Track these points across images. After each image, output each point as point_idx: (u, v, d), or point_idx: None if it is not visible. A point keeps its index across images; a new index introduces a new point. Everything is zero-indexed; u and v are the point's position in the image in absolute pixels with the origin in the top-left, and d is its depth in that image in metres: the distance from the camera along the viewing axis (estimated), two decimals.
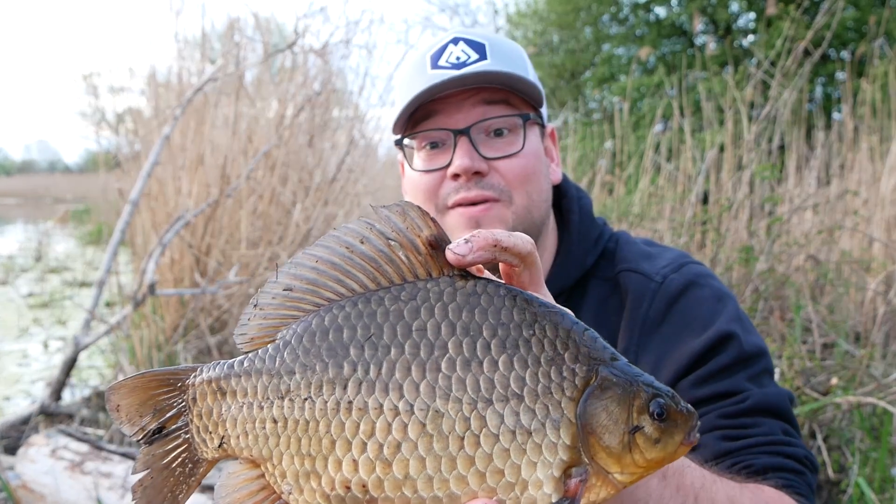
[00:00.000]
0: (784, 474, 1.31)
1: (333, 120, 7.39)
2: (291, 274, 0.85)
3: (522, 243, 0.88)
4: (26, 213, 28.54)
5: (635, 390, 0.81)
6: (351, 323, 0.82)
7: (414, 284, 0.83)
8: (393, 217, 0.83)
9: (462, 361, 0.80)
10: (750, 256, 4.68)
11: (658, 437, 0.81)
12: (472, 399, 0.79)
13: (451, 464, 0.78)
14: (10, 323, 8.49)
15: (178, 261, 5.85)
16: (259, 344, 0.87)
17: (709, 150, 5.55)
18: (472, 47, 1.51)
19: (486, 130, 1.51)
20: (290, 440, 0.83)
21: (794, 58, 5.35)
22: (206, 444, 0.89)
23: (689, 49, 14.99)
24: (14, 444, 4.35)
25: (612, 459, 0.80)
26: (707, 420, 1.39)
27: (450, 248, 0.83)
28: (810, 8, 11.90)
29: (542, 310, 0.83)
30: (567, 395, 0.80)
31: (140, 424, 0.90)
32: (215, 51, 7.48)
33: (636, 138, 7.60)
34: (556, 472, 0.79)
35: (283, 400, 0.83)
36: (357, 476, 0.80)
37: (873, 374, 3.92)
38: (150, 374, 0.91)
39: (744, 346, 1.44)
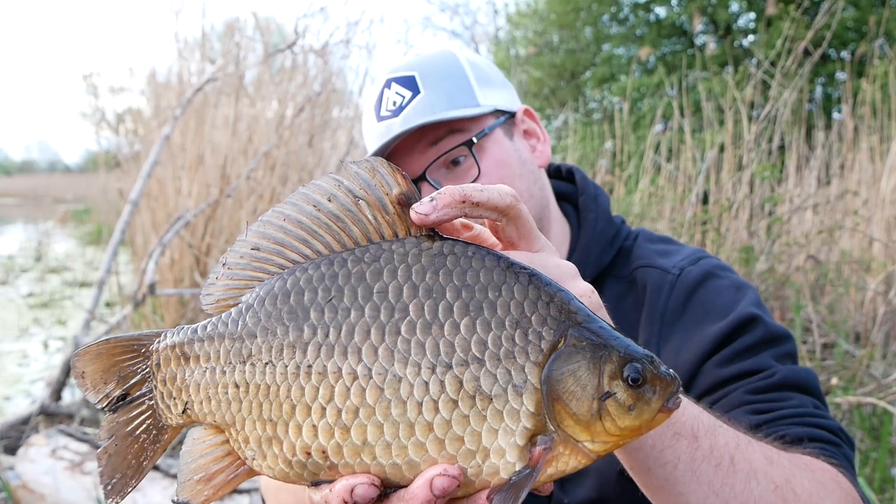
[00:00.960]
0: (820, 444, 1.26)
1: (333, 120, 7.40)
2: (260, 233, 0.84)
3: (499, 196, 0.84)
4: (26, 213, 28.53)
5: (607, 353, 0.76)
6: (312, 286, 0.80)
7: (378, 245, 0.81)
8: (362, 173, 0.81)
9: (423, 324, 0.77)
10: (750, 256, 4.68)
11: (632, 403, 0.76)
12: (431, 363, 0.76)
13: (409, 430, 0.76)
14: (10, 323, 8.49)
15: (178, 261, 5.85)
16: (224, 306, 0.86)
17: (709, 150, 5.55)
18: (403, 85, 1.52)
19: (444, 164, 1.51)
20: (253, 405, 0.81)
21: (794, 58, 5.35)
22: (170, 411, 0.87)
23: (689, 49, 14.99)
24: (14, 444, 4.35)
25: (580, 427, 0.76)
26: (735, 397, 1.35)
27: (413, 208, 0.79)
28: (810, 8, 11.89)
29: (512, 270, 0.79)
30: (531, 359, 0.76)
31: (104, 391, 0.88)
32: (215, 51, 7.49)
33: (636, 138, 7.61)
34: (519, 440, 0.75)
35: (244, 364, 0.82)
36: (317, 442, 0.78)
37: (873, 374, 3.92)
38: (114, 339, 0.89)
39: (769, 327, 1.42)
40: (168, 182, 6.04)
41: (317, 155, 6.60)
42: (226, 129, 6.15)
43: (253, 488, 3.19)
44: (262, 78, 6.91)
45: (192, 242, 5.70)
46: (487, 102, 1.53)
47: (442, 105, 1.49)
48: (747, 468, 1.06)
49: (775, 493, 1.07)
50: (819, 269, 5.30)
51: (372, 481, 0.77)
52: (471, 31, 22.47)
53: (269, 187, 6.04)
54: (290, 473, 0.81)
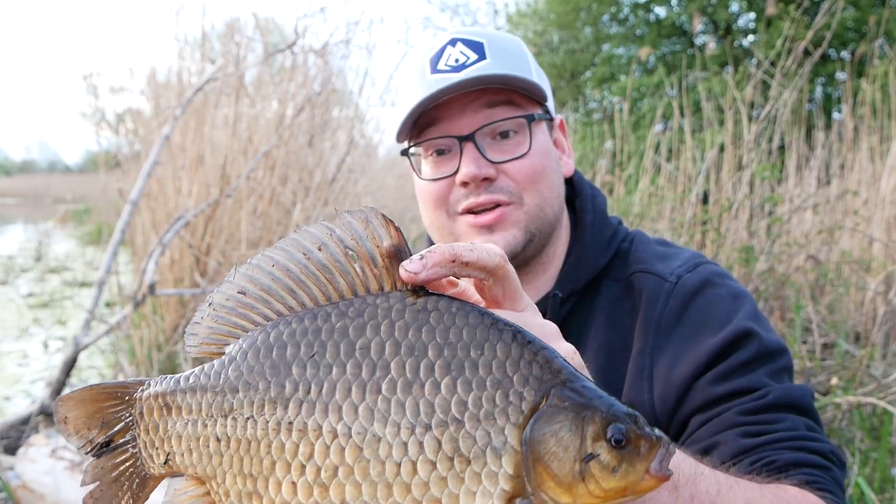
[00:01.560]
0: (809, 470, 1.26)
1: (333, 120, 7.40)
2: (248, 276, 0.84)
3: (488, 256, 0.84)
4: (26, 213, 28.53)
5: (590, 414, 0.75)
6: (296, 340, 0.80)
7: (363, 299, 0.80)
8: (355, 224, 0.81)
9: (403, 383, 0.76)
10: (750, 256, 4.68)
11: (616, 464, 0.74)
12: (411, 423, 0.75)
13: (387, 490, 0.75)
14: (10, 323, 8.49)
15: (178, 261, 5.85)
16: (206, 351, 0.86)
17: (709, 150, 5.55)
18: (470, 48, 1.49)
19: (492, 133, 1.49)
20: (234, 459, 0.81)
21: (794, 58, 5.35)
22: (152, 460, 0.88)
23: (689, 49, 14.99)
24: (14, 444, 4.35)
25: (561, 490, 0.74)
26: (727, 417, 1.34)
27: (403, 265, 0.79)
28: (810, 8, 11.89)
29: (496, 328, 0.78)
30: (511, 420, 0.75)
31: (88, 437, 0.89)
32: (215, 51, 7.48)
33: (636, 138, 7.61)
34: (497, 502, 0.74)
35: (226, 418, 0.82)
36: (296, 499, 0.78)
37: (873, 374, 3.92)
38: (97, 386, 0.90)
39: (763, 342, 1.40)
40: (168, 182, 6.04)
41: (317, 155, 6.60)
42: (226, 129, 6.15)
43: None
44: (262, 78, 6.91)
45: (192, 242, 5.70)
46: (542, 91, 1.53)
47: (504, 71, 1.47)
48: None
49: None
50: (819, 269, 5.30)
51: None
52: None
53: (269, 187, 6.04)
54: None
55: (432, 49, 1.52)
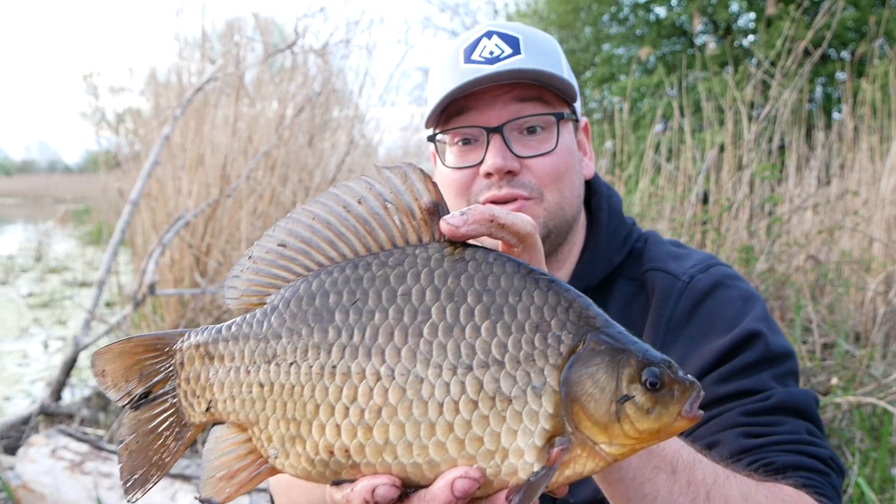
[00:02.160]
0: (806, 473, 1.27)
1: (333, 120, 7.40)
2: (288, 230, 0.85)
3: (522, 223, 0.87)
4: (26, 213, 28.52)
5: (625, 358, 0.78)
6: (338, 288, 0.82)
7: (403, 250, 0.82)
8: (394, 178, 0.83)
9: (444, 327, 0.78)
10: (750, 256, 4.68)
11: (651, 406, 0.77)
12: (453, 364, 0.77)
13: (430, 430, 0.77)
14: (10, 323, 8.49)
15: (178, 261, 5.85)
16: (246, 301, 0.87)
17: (709, 150, 5.55)
18: (505, 41, 1.50)
19: (520, 128, 1.49)
20: (276, 404, 0.82)
21: (794, 58, 5.35)
22: (193, 409, 0.88)
23: (689, 49, 14.99)
24: (14, 444, 4.35)
25: (598, 429, 0.77)
26: (729, 417, 1.35)
27: (444, 219, 0.82)
28: (810, 8, 11.89)
29: (532, 276, 0.81)
30: (550, 362, 0.77)
31: (126, 389, 0.89)
32: (215, 51, 7.48)
33: (636, 138, 7.61)
34: (538, 440, 0.77)
35: (269, 364, 0.83)
36: (340, 441, 0.79)
37: (873, 374, 3.92)
38: (136, 339, 0.90)
39: (770, 345, 1.41)
40: (168, 182, 6.04)
41: (317, 155, 6.60)
42: (226, 129, 6.15)
43: (253, 488, 3.18)
44: (262, 78, 6.91)
45: (192, 242, 5.70)
46: (572, 91, 1.54)
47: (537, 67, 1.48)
48: (722, 503, 1.08)
49: None
50: (819, 269, 5.30)
51: (393, 482, 0.78)
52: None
53: (269, 187, 6.03)
54: (313, 472, 0.82)
55: (467, 39, 1.53)
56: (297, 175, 6.28)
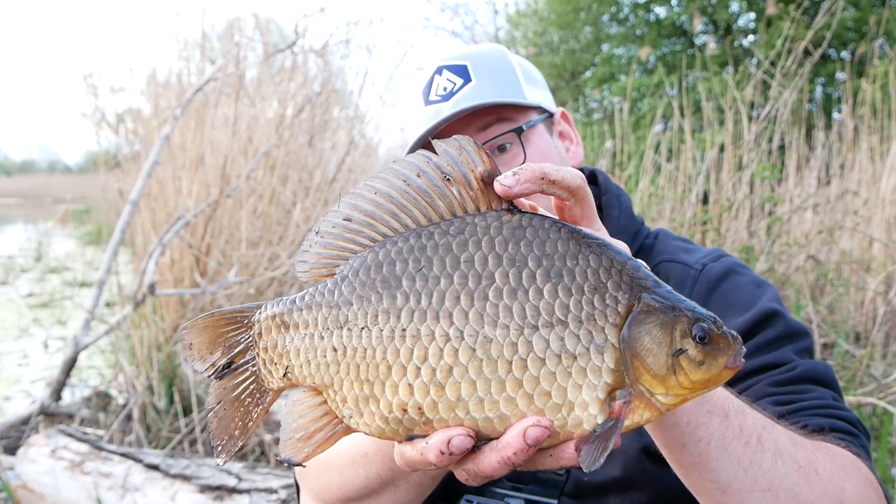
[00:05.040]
0: (840, 435, 1.31)
1: (333, 120, 7.40)
2: (352, 204, 0.89)
3: (571, 177, 0.90)
4: (26, 213, 28.50)
5: (677, 315, 0.84)
6: (403, 257, 0.86)
7: (462, 219, 0.87)
8: (451, 151, 0.87)
9: (508, 290, 0.83)
10: (750, 256, 4.68)
11: (702, 359, 0.83)
12: (519, 325, 0.82)
13: (500, 386, 0.82)
14: (10, 323, 8.49)
15: (178, 261, 5.85)
16: (316, 273, 0.92)
17: (709, 150, 5.55)
18: (454, 73, 1.58)
19: (490, 149, 1.56)
20: (350, 367, 0.87)
21: (794, 58, 5.35)
22: (272, 375, 0.94)
23: (689, 49, 14.99)
24: (14, 444, 4.35)
25: (656, 381, 0.83)
26: (758, 388, 1.40)
27: (497, 180, 0.85)
28: (810, 8, 11.89)
29: (586, 241, 0.85)
30: (610, 320, 0.83)
31: (211, 360, 0.96)
32: (215, 51, 7.48)
33: (636, 138, 7.60)
34: (600, 394, 0.82)
35: (342, 330, 0.88)
36: (413, 399, 0.84)
37: (873, 374, 3.92)
38: (218, 313, 0.96)
39: (789, 322, 1.47)
40: (168, 182, 6.04)
41: (317, 155, 6.60)
42: (226, 129, 6.15)
43: (253, 488, 3.19)
44: (262, 78, 6.91)
45: (192, 242, 5.70)
46: (533, 98, 1.60)
47: (492, 94, 1.55)
48: (773, 448, 1.11)
49: (799, 472, 1.12)
50: (819, 269, 5.30)
51: (468, 433, 0.82)
52: (471, 31, 22.46)
53: (269, 187, 6.03)
54: (387, 429, 0.86)
55: (423, 80, 1.63)
56: (297, 175, 6.29)
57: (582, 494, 1.50)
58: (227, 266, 5.71)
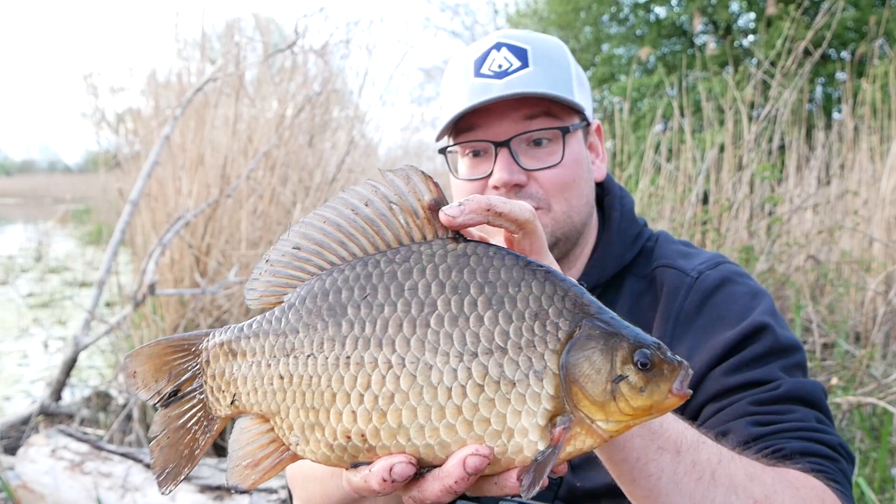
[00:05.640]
0: (816, 459, 1.29)
1: (333, 120, 7.40)
2: (301, 233, 0.91)
3: (520, 210, 0.91)
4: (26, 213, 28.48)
5: (618, 341, 0.84)
6: (349, 285, 0.87)
7: (409, 247, 0.88)
8: (397, 181, 0.88)
9: (450, 317, 0.84)
10: (750, 256, 4.68)
11: (643, 385, 0.83)
12: (459, 352, 0.83)
13: (440, 413, 0.83)
14: (10, 323, 8.49)
15: (178, 261, 5.85)
16: (266, 301, 0.93)
17: (709, 150, 5.55)
18: (514, 53, 1.53)
19: (527, 140, 1.54)
20: (296, 395, 0.88)
21: (794, 58, 5.35)
22: (219, 403, 0.94)
23: (689, 49, 14.99)
24: (14, 444, 4.35)
25: (595, 407, 0.82)
26: (738, 407, 1.37)
27: (443, 210, 0.87)
28: (810, 8, 11.89)
29: (530, 268, 0.86)
30: (550, 346, 0.83)
31: (156, 388, 0.95)
32: (215, 51, 7.48)
33: (636, 138, 7.60)
34: (540, 420, 0.82)
35: (288, 357, 0.89)
36: (356, 426, 0.85)
37: (873, 374, 3.93)
38: (164, 341, 0.96)
39: (778, 337, 1.44)
40: (168, 182, 6.03)
41: (317, 155, 6.59)
42: (226, 129, 6.15)
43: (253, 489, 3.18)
44: (262, 78, 6.91)
45: (192, 242, 5.70)
46: (580, 102, 1.58)
47: (546, 85, 1.52)
48: (728, 483, 1.10)
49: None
50: (819, 269, 5.30)
51: (409, 460, 0.83)
52: (471, 31, 22.46)
53: (269, 187, 6.03)
54: (332, 457, 0.87)
55: (477, 50, 1.57)
56: (297, 175, 6.28)
57: (575, 499, 1.50)
58: (227, 266, 5.71)
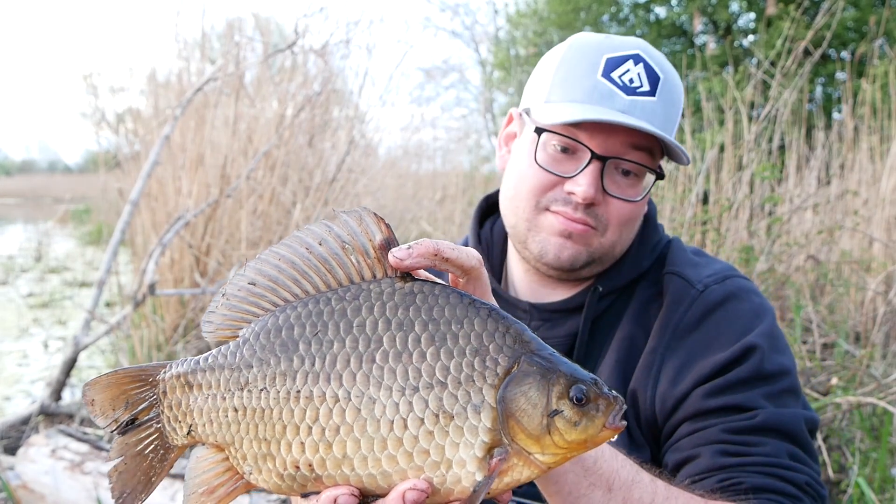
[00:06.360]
0: (775, 497, 1.28)
1: (333, 120, 7.40)
2: (257, 269, 0.95)
3: (466, 258, 0.94)
4: (26, 213, 28.50)
5: (555, 377, 0.87)
6: (301, 322, 0.91)
7: (359, 286, 0.92)
8: (350, 221, 0.92)
9: (394, 353, 0.88)
10: (750, 256, 4.67)
11: (578, 419, 0.86)
12: (402, 386, 0.87)
13: (382, 445, 0.86)
14: (10, 323, 8.49)
15: (178, 261, 5.85)
16: (221, 334, 0.96)
17: (709, 150, 5.55)
18: (648, 76, 1.50)
19: (618, 165, 1.52)
20: (249, 426, 0.92)
21: (794, 58, 5.35)
22: (175, 432, 0.98)
23: (689, 49, 14.98)
24: (14, 444, 4.35)
25: (531, 440, 0.86)
26: (711, 432, 1.36)
27: (392, 252, 0.90)
28: (810, 8, 11.89)
29: (473, 306, 0.90)
30: (488, 381, 0.87)
31: (113, 416, 0.99)
32: (215, 51, 7.48)
33: None
34: (478, 452, 0.86)
35: (242, 391, 0.93)
36: (304, 456, 0.89)
37: (873, 374, 3.92)
38: (122, 371, 1.00)
39: (764, 362, 1.41)
40: (168, 182, 6.04)
41: (317, 155, 6.60)
42: (226, 129, 6.15)
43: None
44: (262, 78, 6.91)
45: (192, 242, 5.70)
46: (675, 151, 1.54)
47: (662, 125, 1.49)
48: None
49: None
50: (819, 269, 5.30)
51: (352, 492, 0.87)
52: (471, 31, 22.47)
53: (269, 187, 6.03)
54: (283, 486, 0.92)
55: (614, 50, 1.52)
56: (297, 175, 6.28)
57: None
58: (227, 266, 5.71)
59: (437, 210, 9.20)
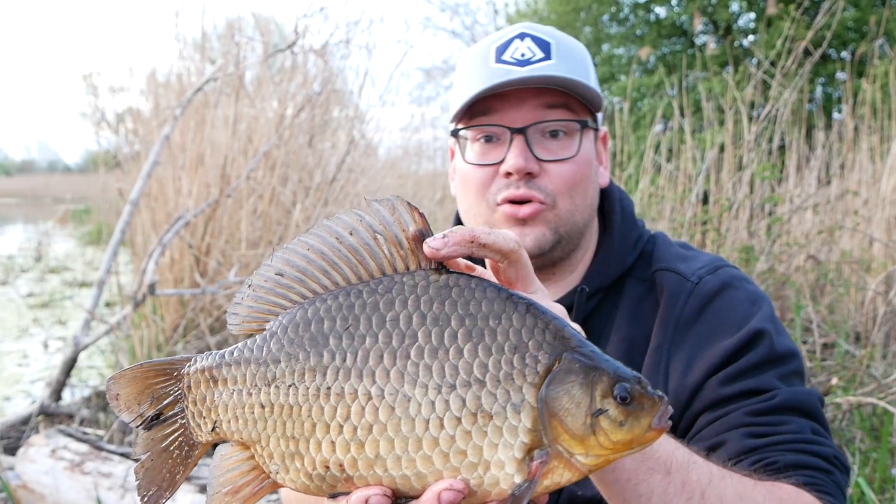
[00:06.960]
0: (809, 472, 1.29)
1: (333, 120, 7.40)
2: (284, 259, 0.90)
3: (504, 241, 0.91)
4: (26, 213, 28.50)
5: (598, 375, 0.83)
6: (332, 315, 0.87)
7: (391, 278, 0.88)
8: (382, 211, 0.88)
9: (430, 349, 0.84)
10: (750, 256, 4.67)
11: (623, 419, 0.82)
12: (437, 384, 0.83)
13: (417, 445, 0.83)
14: (10, 323, 8.49)
15: (178, 261, 5.85)
16: (248, 327, 0.92)
17: (709, 150, 5.55)
18: (537, 45, 1.52)
19: (542, 131, 1.52)
20: (277, 424, 0.88)
21: (794, 58, 5.35)
22: (200, 429, 0.95)
23: (690, 49, 14.98)
24: (14, 444, 4.35)
25: (575, 441, 0.82)
26: (733, 417, 1.37)
27: (426, 242, 0.86)
28: (810, 8, 11.89)
29: (511, 301, 0.86)
30: (528, 380, 0.83)
31: (138, 412, 0.96)
32: (215, 51, 7.48)
33: (636, 138, 7.60)
34: (517, 453, 0.82)
35: (269, 387, 0.89)
36: (334, 456, 0.85)
37: (873, 374, 3.92)
38: (147, 364, 0.96)
39: (775, 345, 1.43)
40: (168, 182, 6.04)
41: (317, 155, 6.60)
42: (226, 129, 6.15)
43: None
44: (262, 78, 6.91)
45: (192, 242, 5.70)
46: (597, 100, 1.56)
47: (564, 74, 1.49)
48: (717, 502, 1.11)
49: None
50: (819, 269, 5.30)
51: (384, 492, 0.83)
52: (471, 31, 22.46)
53: (269, 187, 6.03)
54: (311, 486, 0.88)
55: (500, 38, 1.55)
56: (297, 175, 6.28)
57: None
58: (227, 266, 5.71)
59: (437, 210, 9.20)
